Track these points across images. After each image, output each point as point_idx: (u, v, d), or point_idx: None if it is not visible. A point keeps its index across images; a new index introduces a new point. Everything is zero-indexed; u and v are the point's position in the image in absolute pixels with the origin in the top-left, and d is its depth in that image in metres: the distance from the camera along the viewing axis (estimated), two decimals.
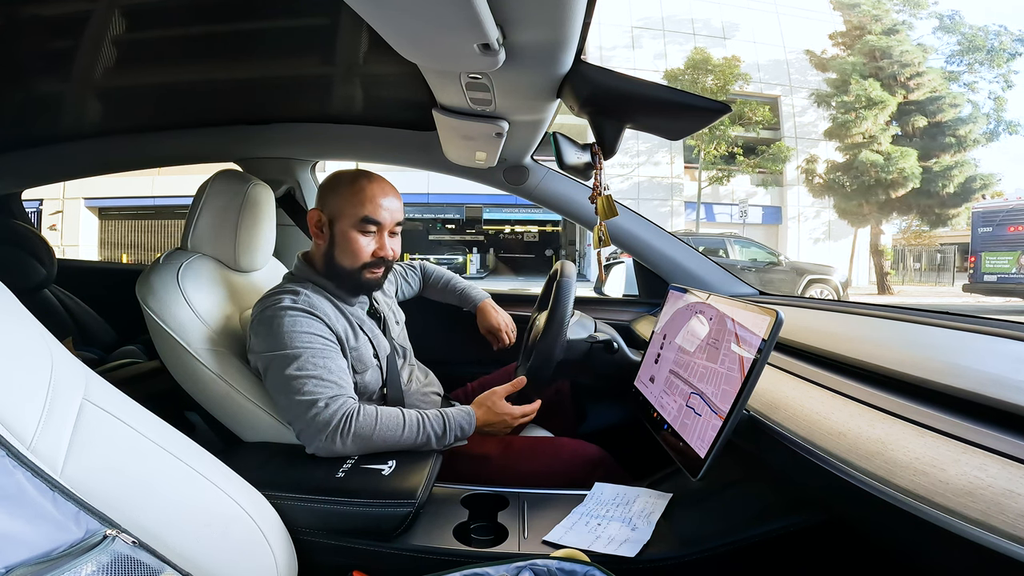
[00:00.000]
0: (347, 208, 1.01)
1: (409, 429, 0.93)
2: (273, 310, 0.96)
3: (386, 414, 0.93)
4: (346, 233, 1.02)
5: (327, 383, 0.92)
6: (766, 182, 15.36)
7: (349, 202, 1.01)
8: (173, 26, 1.13)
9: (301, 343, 0.93)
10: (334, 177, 1.06)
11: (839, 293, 9.37)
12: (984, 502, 0.40)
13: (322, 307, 0.99)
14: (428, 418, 0.95)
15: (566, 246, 19.41)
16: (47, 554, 0.44)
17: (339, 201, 1.02)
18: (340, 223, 1.02)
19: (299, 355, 0.92)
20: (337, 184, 1.04)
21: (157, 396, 0.97)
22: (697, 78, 13.41)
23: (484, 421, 1.01)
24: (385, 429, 0.92)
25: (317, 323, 0.97)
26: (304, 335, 0.94)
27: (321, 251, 1.05)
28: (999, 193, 12.03)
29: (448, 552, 0.79)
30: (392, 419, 0.93)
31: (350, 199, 1.02)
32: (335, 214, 1.02)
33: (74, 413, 0.55)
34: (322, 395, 0.90)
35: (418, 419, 0.94)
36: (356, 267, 1.03)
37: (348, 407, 0.91)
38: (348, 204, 1.01)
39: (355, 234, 1.02)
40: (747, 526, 0.77)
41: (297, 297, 0.98)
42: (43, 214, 14.33)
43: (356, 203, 1.01)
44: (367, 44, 1.11)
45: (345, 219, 1.02)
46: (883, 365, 0.68)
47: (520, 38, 0.65)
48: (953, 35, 13.23)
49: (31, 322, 0.57)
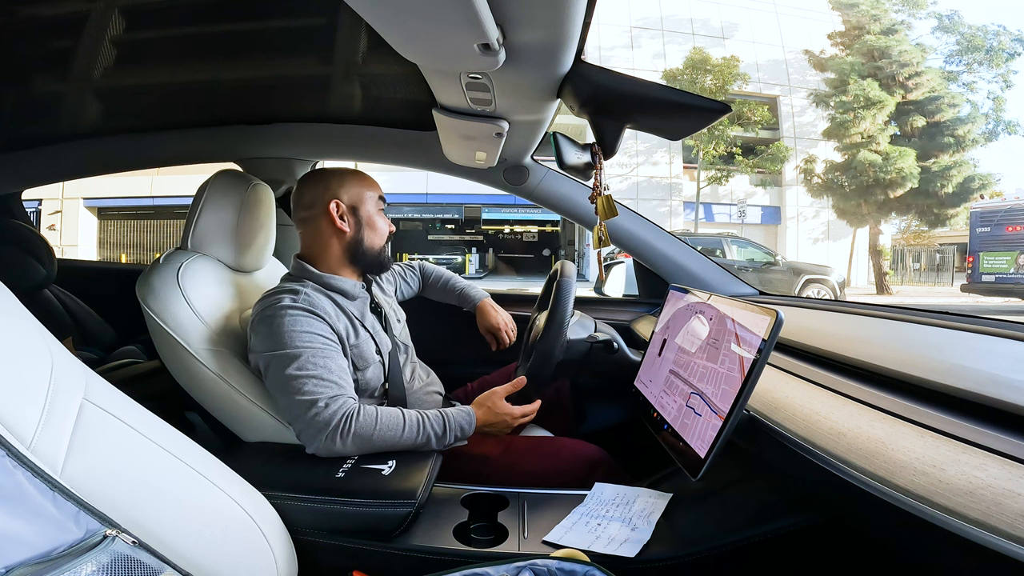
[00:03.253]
0: (366, 191, 1.09)
1: (409, 429, 0.93)
2: (273, 309, 0.96)
3: (386, 414, 0.93)
4: (372, 215, 1.09)
5: (327, 383, 0.92)
6: (765, 182, 15.36)
7: (365, 185, 1.09)
8: (173, 26, 1.13)
9: (301, 343, 0.93)
10: (333, 170, 1.12)
11: (836, 293, 9.37)
12: (984, 502, 0.40)
13: (322, 305, 0.99)
14: (428, 418, 0.95)
15: (565, 246, 19.41)
16: (47, 554, 0.44)
17: (356, 188, 1.09)
18: (364, 207, 1.08)
19: (299, 354, 0.92)
20: (342, 175, 1.10)
21: (157, 396, 0.97)
22: (696, 78, 13.41)
23: (484, 421, 1.01)
24: (385, 429, 0.92)
25: (318, 322, 0.97)
26: (304, 334, 0.94)
27: (344, 240, 1.08)
28: (998, 193, 12.02)
29: (448, 552, 0.79)
30: (392, 419, 0.93)
31: (365, 182, 1.10)
32: (357, 201, 1.08)
33: (74, 413, 0.55)
34: (322, 395, 0.90)
35: (418, 419, 0.94)
36: (383, 245, 1.11)
37: (348, 407, 0.91)
38: (365, 188, 1.09)
39: (377, 213, 1.10)
40: (747, 526, 0.77)
41: (297, 296, 0.98)
42: (42, 214, 14.33)
43: (370, 186, 1.10)
44: (367, 44, 1.11)
45: (367, 202, 1.09)
46: (883, 365, 0.68)
47: (520, 38, 0.65)
48: (952, 35, 13.25)
49: (31, 322, 0.57)
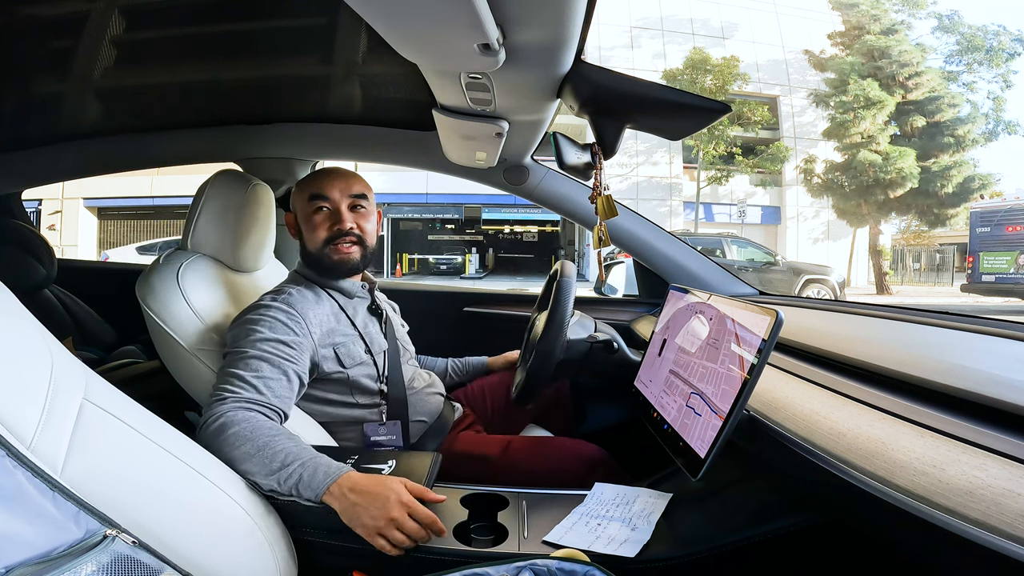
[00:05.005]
0: (300, 196, 1.10)
1: (254, 455, 0.78)
2: (249, 307, 1.00)
3: (244, 433, 0.79)
4: (306, 217, 1.08)
5: (245, 385, 0.87)
6: (765, 182, 15.35)
7: (300, 190, 1.10)
8: (173, 26, 1.13)
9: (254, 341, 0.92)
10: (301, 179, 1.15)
11: (836, 293, 9.37)
12: (984, 502, 0.40)
13: (303, 305, 1.00)
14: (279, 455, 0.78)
15: (565, 246, 19.41)
16: (47, 554, 0.44)
17: (296, 195, 1.12)
18: (299, 212, 1.10)
19: (241, 353, 0.91)
20: (296, 186, 1.13)
21: (157, 396, 0.97)
22: (696, 78, 13.41)
23: (357, 486, 0.77)
24: (228, 446, 0.78)
25: (282, 326, 0.95)
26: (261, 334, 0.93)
27: (301, 249, 1.12)
28: (998, 193, 12.02)
29: (448, 552, 0.79)
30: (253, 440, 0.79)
31: (301, 188, 1.11)
32: (295, 207, 1.12)
33: (74, 413, 0.55)
34: (230, 393, 0.85)
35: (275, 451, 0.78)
36: (320, 246, 1.07)
37: (226, 411, 0.82)
38: (300, 192, 1.10)
39: (310, 214, 1.08)
40: (747, 526, 0.77)
41: (278, 296, 1.01)
42: (42, 214, 14.33)
43: (304, 188, 1.10)
44: (367, 44, 1.11)
45: (301, 206, 1.10)
46: (883, 365, 0.68)
47: (520, 38, 0.65)
48: (952, 35, 13.25)
49: (31, 322, 0.57)
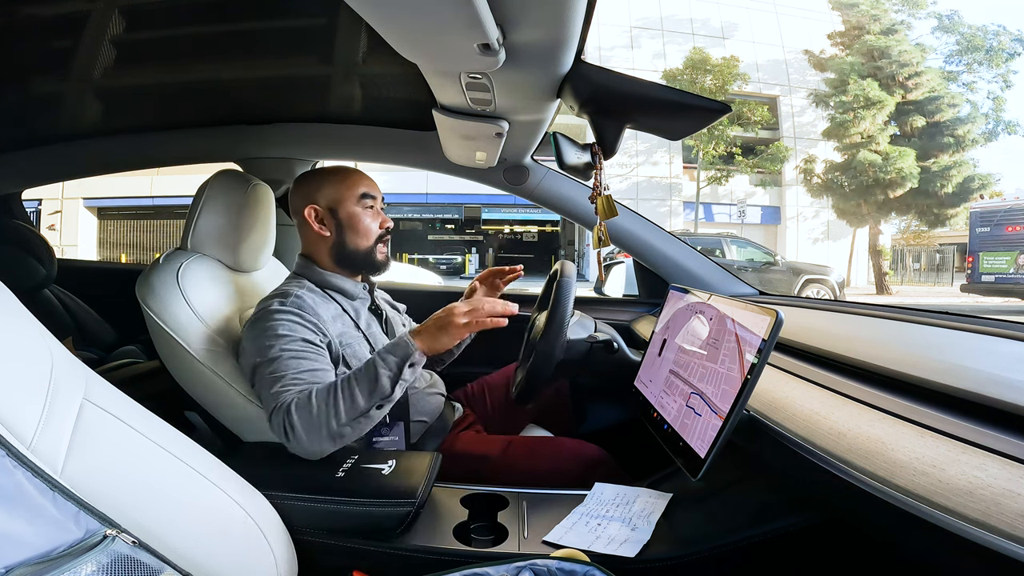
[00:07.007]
0: (345, 191, 1.06)
1: (345, 390, 0.87)
2: (262, 314, 0.97)
3: (317, 392, 0.88)
4: (353, 214, 1.05)
5: (287, 386, 0.89)
6: (765, 182, 15.36)
7: (344, 185, 1.06)
8: (173, 26, 1.13)
9: (279, 347, 0.92)
10: (313, 174, 1.10)
11: (836, 293, 9.37)
12: (984, 502, 0.40)
13: (313, 307, 0.99)
14: (355, 375, 0.89)
15: (565, 246, 19.40)
16: (47, 554, 0.44)
17: (333, 189, 1.06)
18: (343, 207, 1.05)
19: (275, 358, 0.92)
20: (320, 178, 1.08)
21: (157, 396, 0.97)
22: (696, 78, 13.41)
23: (427, 329, 0.91)
24: (324, 404, 0.86)
25: (301, 326, 0.96)
26: (283, 338, 0.93)
27: (328, 244, 1.07)
28: (997, 193, 12.02)
29: (448, 552, 0.79)
30: (324, 392, 0.88)
31: (344, 182, 1.06)
32: (335, 201, 1.06)
33: (74, 413, 0.55)
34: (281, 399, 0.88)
35: (350, 376, 0.89)
36: (371, 245, 1.07)
37: (283, 404, 0.87)
38: (344, 187, 1.06)
39: (361, 212, 1.06)
40: (747, 526, 0.77)
41: (287, 299, 0.98)
42: (42, 214, 14.32)
43: (351, 184, 1.06)
44: (367, 44, 1.11)
45: (347, 201, 1.05)
46: (883, 365, 0.68)
47: (520, 38, 0.65)
48: (952, 35, 13.25)
49: (31, 322, 0.57)
